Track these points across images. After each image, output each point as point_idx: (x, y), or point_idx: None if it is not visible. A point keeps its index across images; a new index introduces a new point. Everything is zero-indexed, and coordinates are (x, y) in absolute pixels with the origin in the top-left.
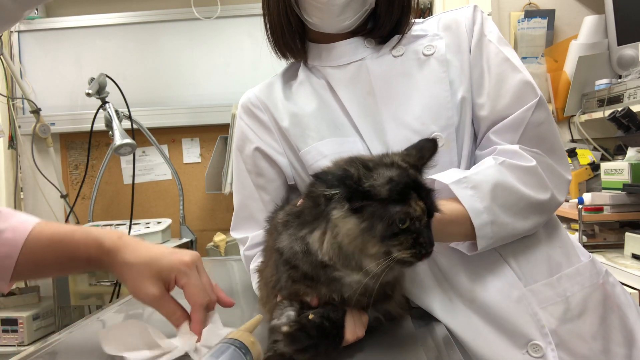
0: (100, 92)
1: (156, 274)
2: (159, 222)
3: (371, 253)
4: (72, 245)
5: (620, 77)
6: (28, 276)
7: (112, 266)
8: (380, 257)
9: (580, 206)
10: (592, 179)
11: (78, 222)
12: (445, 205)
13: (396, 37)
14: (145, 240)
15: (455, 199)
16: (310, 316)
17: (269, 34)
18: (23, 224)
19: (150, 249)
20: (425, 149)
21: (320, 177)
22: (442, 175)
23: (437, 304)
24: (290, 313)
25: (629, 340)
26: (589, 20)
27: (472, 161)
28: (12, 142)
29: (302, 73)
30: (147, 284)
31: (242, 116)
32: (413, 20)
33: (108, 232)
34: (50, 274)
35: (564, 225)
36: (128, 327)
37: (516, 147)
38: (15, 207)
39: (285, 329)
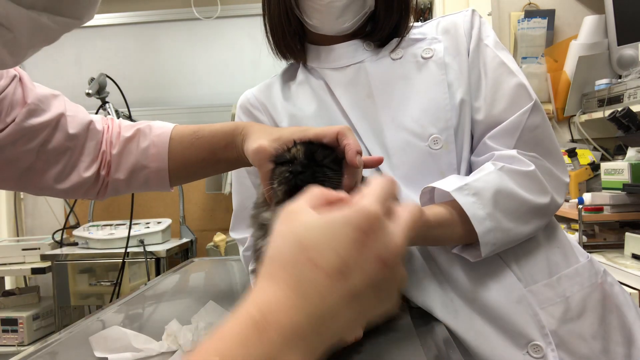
0: (100, 92)
1: (274, 139)
2: (159, 222)
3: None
4: (209, 136)
5: (620, 77)
6: (183, 179)
7: (243, 143)
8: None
9: (580, 206)
10: (592, 179)
11: (78, 223)
12: (432, 209)
13: (395, 40)
14: (145, 239)
15: (446, 202)
16: None
17: (269, 35)
18: (160, 137)
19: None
20: None
21: None
22: (442, 182)
23: (438, 305)
24: None
25: (628, 339)
26: (589, 20)
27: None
28: None
29: (301, 74)
30: (258, 141)
31: (240, 116)
32: (412, 24)
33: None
34: (198, 173)
35: (564, 226)
36: (112, 332)
37: (514, 152)
38: (15, 207)
39: None
